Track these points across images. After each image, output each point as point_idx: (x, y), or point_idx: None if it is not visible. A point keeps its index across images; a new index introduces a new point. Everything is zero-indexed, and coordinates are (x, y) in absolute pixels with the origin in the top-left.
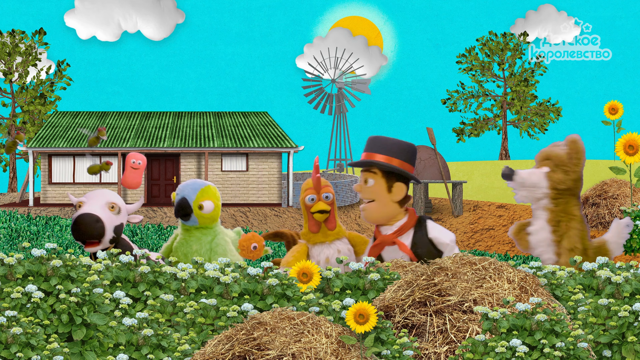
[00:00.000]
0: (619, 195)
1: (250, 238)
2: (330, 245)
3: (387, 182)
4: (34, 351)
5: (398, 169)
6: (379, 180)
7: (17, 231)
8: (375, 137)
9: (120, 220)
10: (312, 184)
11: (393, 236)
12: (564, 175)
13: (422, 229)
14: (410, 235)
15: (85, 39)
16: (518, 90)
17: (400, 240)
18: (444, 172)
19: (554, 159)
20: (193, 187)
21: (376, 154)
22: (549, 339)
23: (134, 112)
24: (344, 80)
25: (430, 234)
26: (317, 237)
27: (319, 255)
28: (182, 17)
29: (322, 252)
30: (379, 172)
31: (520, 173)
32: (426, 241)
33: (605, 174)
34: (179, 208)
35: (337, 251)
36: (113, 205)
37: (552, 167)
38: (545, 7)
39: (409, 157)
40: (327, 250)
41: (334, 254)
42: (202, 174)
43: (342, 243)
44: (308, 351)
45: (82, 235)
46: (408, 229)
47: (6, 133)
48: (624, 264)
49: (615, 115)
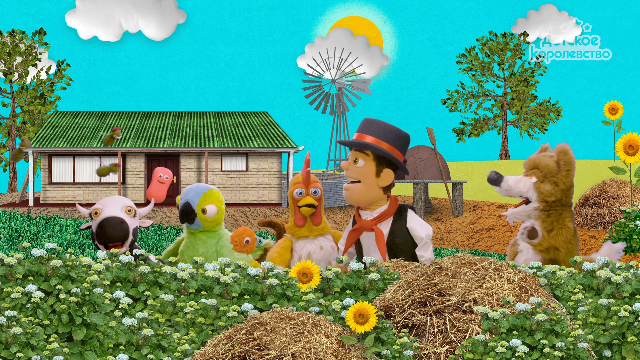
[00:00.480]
0: (619, 195)
1: (241, 232)
2: (314, 241)
3: (377, 166)
4: (34, 351)
5: (391, 155)
6: (369, 163)
7: (17, 231)
8: (371, 120)
9: (137, 224)
10: (301, 178)
11: (372, 222)
12: (553, 187)
13: (401, 217)
14: (390, 223)
15: (87, 39)
16: (518, 90)
17: (378, 228)
18: (444, 172)
19: (542, 169)
20: (196, 191)
21: (371, 136)
22: (549, 339)
23: (134, 112)
24: (344, 80)
25: (409, 224)
26: (302, 232)
27: (301, 249)
28: (184, 17)
29: (305, 246)
30: (370, 155)
31: (507, 180)
32: (404, 230)
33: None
34: (182, 212)
35: (319, 247)
36: (130, 209)
37: (540, 178)
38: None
39: (401, 145)
40: (310, 246)
41: (317, 250)
42: (202, 174)
43: (326, 240)
44: (308, 351)
45: (108, 238)
46: (388, 216)
47: (6, 133)
48: (624, 264)
49: (615, 115)
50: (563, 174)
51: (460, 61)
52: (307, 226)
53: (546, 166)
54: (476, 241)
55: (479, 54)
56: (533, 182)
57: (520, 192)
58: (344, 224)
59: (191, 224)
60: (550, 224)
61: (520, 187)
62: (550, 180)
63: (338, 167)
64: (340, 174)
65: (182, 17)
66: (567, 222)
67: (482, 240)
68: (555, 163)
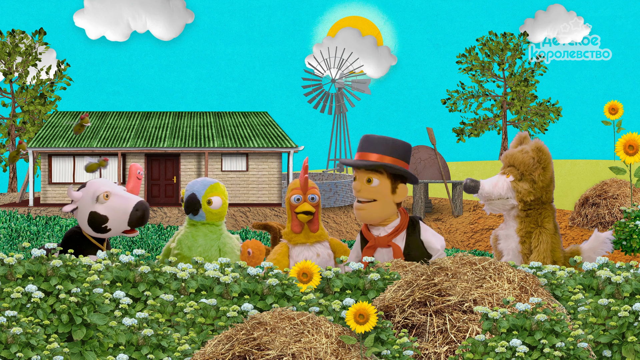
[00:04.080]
0: (619, 195)
1: (247, 243)
2: (311, 248)
3: (392, 183)
4: (34, 351)
5: (404, 169)
6: (384, 181)
7: (17, 231)
8: (371, 136)
9: None
10: (299, 184)
11: (388, 239)
12: (531, 185)
13: (415, 230)
14: (404, 237)
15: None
16: (518, 90)
17: (396, 244)
18: (444, 172)
19: (519, 167)
20: (203, 184)
21: (376, 153)
22: (549, 339)
23: (134, 112)
24: (344, 80)
25: (423, 236)
26: (299, 238)
27: (297, 256)
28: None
29: (302, 253)
30: (384, 173)
31: (484, 186)
32: (419, 243)
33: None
34: (188, 203)
35: (316, 254)
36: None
37: (517, 176)
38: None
39: (407, 155)
40: (307, 252)
41: (313, 257)
42: (202, 174)
43: (323, 247)
44: (308, 351)
45: (144, 221)
46: (402, 230)
47: (6, 133)
48: (624, 264)
49: (615, 115)
50: (539, 171)
51: (460, 61)
52: (305, 233)
53: (522, 163)
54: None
55: (479, 54)
56: (510, 182)
57: (499, 195)
58: (343, 224)
59: (195, 215)
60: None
61: (498, 190)
62: (527, 178)
63: (338, 167)
64: (340, 173)
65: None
66: (546, 223)
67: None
68: (531, 159)
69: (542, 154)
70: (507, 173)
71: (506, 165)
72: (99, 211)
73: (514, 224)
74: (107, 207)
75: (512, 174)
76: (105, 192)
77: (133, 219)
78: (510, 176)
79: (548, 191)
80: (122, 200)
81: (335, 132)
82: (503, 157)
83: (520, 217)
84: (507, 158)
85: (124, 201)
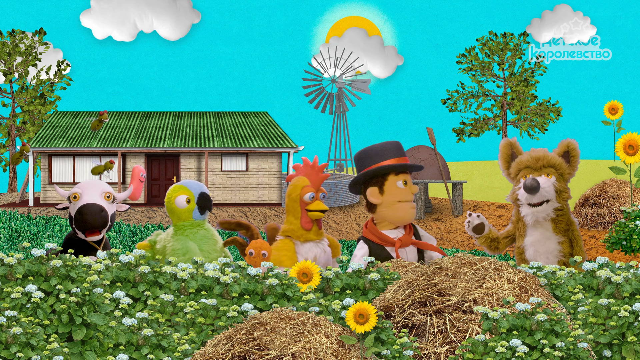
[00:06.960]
0: (619, 195)
1: (252, 243)
2: (319, 244)
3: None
4: (34, 351)
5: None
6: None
7: (17, 231)
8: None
9: (114, 209)
10: (307, 181)
11: (409, 237)
12: (565, 185)
13: (416, 230)
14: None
15: (101, 39)
16: (518, 90)
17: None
18: (444, 172)
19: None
20: (197, 184)
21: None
22: (549, 339)
23: (134, 112)
24: (344, 80)
25: (421, 234)
26: (309, 235)
27: (307, 253)
28: (198, 17)
29: (311, 250)
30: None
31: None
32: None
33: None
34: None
35: (323, 251)
36: (109, 195)
37: (557, 177)
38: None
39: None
40: (316, 249)
41: (321, 253)
42: (202, 174)
43: (325, 244)
44: (308, 351)
45: (87, 225)
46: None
47: (6, 133)
48: (624, 264)
49: (615, 115)
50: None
51: (460, 61)
52: (314, 230)
53: (561, 165)
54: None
55: (479, 54)
56: (554, 183)
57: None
58: (344, 224)
59: (202, 214)
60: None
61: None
62: (566, 177)
63: (338, 167)
64: (340, 174)
65: (197, 17)
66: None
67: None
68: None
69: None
70: (547, 174)
71: (543, 166)
72: (71, 212)
73: (548, 225)
74: (72, 209)
75: (553, 175)
76: (74, 193)
77: (77, 222)
78: (552, 177)
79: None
80: (78, 203)
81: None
82: (533, 158)
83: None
84: (545, 160)
85: (77, 203)
